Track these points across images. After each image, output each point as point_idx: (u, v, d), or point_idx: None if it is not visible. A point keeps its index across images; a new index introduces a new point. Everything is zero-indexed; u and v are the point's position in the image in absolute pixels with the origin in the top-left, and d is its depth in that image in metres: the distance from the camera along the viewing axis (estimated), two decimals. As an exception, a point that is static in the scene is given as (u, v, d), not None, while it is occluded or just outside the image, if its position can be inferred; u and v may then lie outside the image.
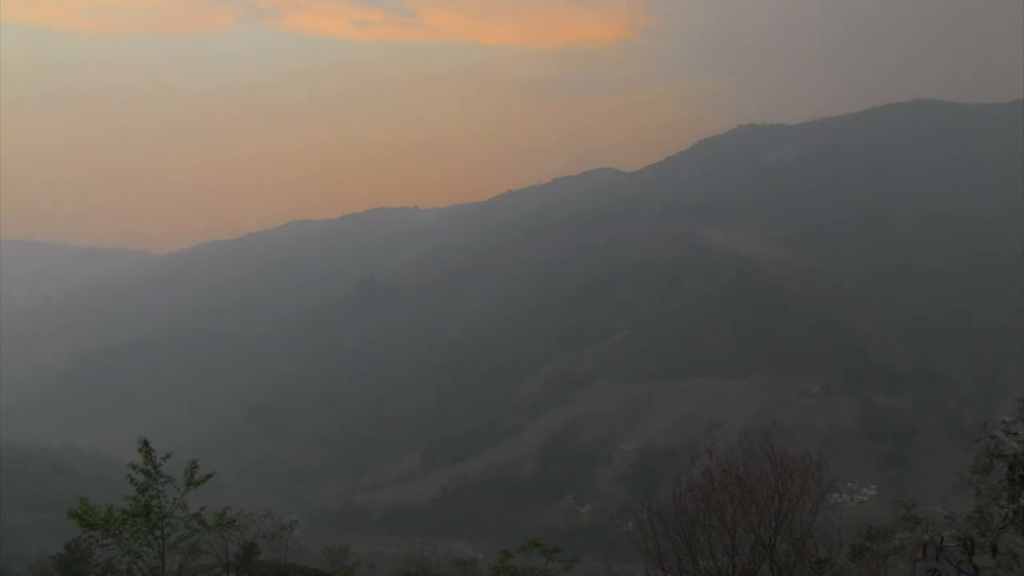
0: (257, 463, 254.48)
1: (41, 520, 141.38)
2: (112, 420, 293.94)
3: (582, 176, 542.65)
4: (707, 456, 26.30)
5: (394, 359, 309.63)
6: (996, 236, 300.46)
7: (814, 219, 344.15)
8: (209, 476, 22.81)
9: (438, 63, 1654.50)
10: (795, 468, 25.07)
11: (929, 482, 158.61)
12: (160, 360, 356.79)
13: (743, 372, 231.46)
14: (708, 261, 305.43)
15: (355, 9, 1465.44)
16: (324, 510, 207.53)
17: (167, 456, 22.24)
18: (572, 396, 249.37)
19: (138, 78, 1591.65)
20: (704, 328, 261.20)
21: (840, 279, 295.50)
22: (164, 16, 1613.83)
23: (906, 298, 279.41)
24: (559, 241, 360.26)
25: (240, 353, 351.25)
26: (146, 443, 22.07)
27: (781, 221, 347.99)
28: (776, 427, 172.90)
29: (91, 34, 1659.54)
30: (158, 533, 21.59)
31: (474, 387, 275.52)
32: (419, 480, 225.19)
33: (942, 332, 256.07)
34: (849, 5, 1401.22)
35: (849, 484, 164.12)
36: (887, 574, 25.30)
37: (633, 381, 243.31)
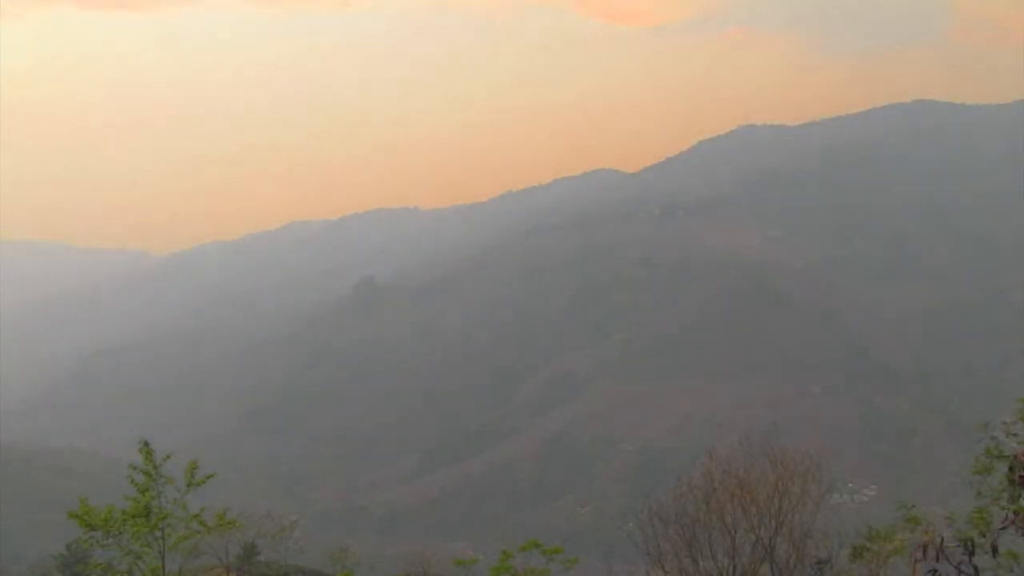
0: (257, 463, 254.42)
1: (41, 520, 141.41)
2: (112, 420, 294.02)
3: (582, 176, 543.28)
4: (707, 457, 26.34)
5: (394, 359, 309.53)
6: (996, 236, 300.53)
7: (814, 219, 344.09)
8: (209, 476, 22.79)
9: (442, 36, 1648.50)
10: (795, 469, 25.10)
11: (929, 482, 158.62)
12: (160, 360, 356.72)
13: (743, 372, 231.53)
14: (708, 261, 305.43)
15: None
16: (324, 511, 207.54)
17: (167, 456, 22.26)
18: (572, 396, 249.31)
19: (137, 73, 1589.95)
20: (704, 328, 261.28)
21: (840, 279, 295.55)
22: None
23: (906, 298, 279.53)
24: (559, 241, 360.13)
25: (240, 353, 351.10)
26: (146, 443, 22.07)
27: (781, 221, 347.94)
28: (776, 427, 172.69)
29: (87, 27, 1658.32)
30: (158, 534, 21.59)
31: (474, 387, 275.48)
32: (419, 480, 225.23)
33: (942, 332, 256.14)
34: (850, 5, 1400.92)
35: (849, 485, 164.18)
36: (887, 575, 25.30)
37: (633, 381, 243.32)
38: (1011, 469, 10.87)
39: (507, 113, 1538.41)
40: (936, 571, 10.24)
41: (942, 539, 10.51)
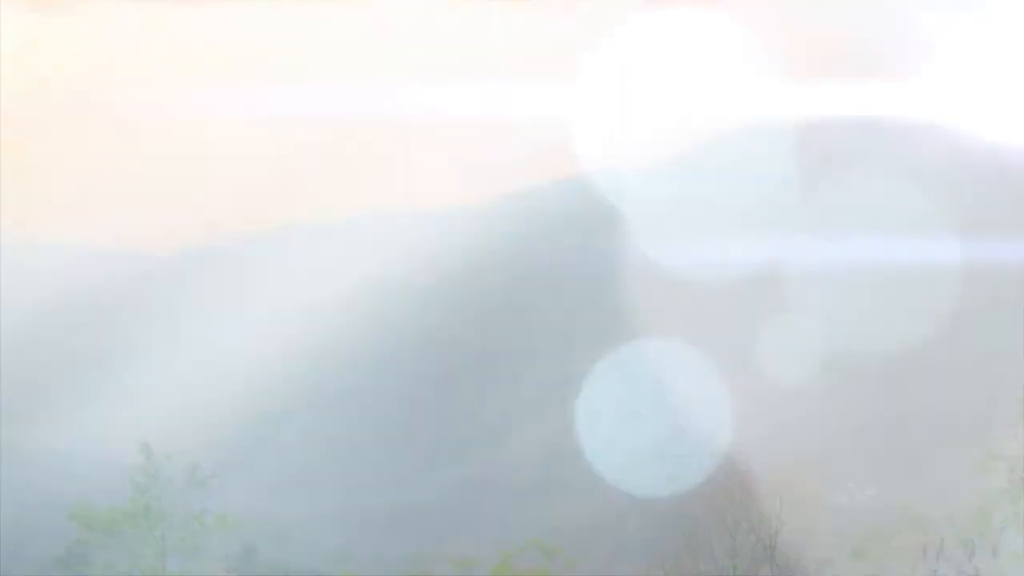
0: (257, 464, 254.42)
1: (41, 520, 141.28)
2: (112, 420, 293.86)
3: (582, 176, 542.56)
4: (708, 457, 26.35)
5: (394, 359, 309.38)
6: (996, 236, 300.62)
7: (814, 219, 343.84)
8: (210, 477, 22.84)
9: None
10: (795, 469, 25.11)
11: (929, 482, 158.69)
12: (160, 360, 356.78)
13: (743, 372, 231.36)
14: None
15: None
16: (324, 511, 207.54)
17: (168, 458, 22.30)
18: (572, 396, 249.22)
19: (137, 70, 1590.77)
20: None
21: (840, 279, 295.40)
22: None
23: (906, 297, 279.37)
24: (559, 241, 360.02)
25: (240, 353, 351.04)
26: (147, 445, 22.12)
27: (781, 221, 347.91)
28: (776, 427, 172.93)
29: (82, 24, 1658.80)
30: (158, 534, 21.62)
31: (474, 387, 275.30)
32: (419, 480, 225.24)
33: (942, 332, 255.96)
34: (849, 5, 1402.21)
35: (849, 485, 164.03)
36: (887, 575, 25.32)
37: (633, 381, 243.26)
38: (1011, 470, 10.88)
39: (507, 112, 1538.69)
40: (936, 572, 10.26)
41: (942, 540, 10.53)
